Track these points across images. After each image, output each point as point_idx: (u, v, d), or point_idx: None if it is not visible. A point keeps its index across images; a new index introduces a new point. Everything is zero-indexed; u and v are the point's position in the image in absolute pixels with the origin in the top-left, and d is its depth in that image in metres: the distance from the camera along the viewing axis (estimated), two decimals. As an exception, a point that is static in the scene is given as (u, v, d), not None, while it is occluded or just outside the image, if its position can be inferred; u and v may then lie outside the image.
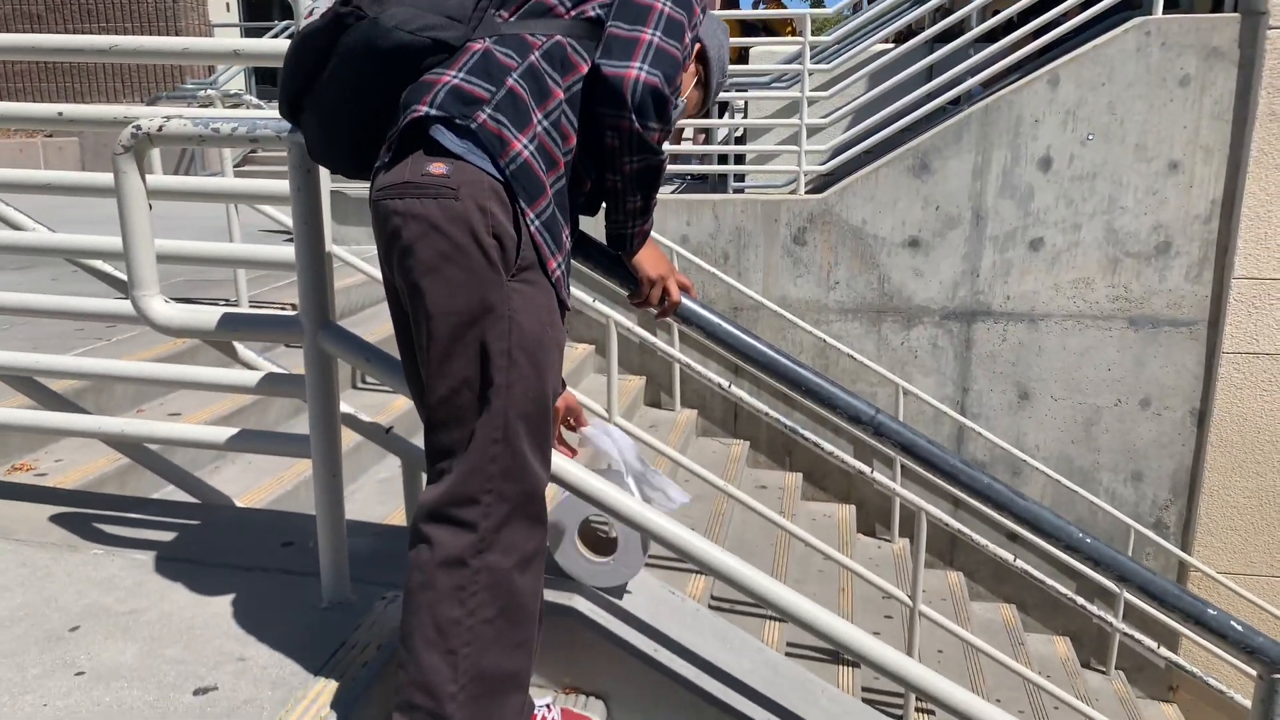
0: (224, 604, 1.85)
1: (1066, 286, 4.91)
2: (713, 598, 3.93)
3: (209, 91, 5.51)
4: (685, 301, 1.81)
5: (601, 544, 2.07)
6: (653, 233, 5.70)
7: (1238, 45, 4.54)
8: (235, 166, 9.23)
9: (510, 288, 1.38)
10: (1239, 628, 1.51)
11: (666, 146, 7.24)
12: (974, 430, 5.06)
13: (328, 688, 1.60)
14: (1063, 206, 4.82)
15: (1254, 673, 1.57)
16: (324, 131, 1.51)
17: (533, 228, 1.40)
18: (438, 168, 1.36)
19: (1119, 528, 5.02)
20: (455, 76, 1.40)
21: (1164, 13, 4.64)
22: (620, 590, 2.05)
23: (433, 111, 1.38)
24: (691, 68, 1.63)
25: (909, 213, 5.01)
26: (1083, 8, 4.75)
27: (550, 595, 1.96)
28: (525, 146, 1.40)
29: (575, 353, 5.22)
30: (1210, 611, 1.54)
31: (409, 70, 1.43)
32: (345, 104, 1.47)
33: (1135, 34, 4.60)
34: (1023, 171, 4.83)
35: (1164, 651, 3.97)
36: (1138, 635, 4.14)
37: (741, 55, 6.68)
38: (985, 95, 4.94)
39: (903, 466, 5.09)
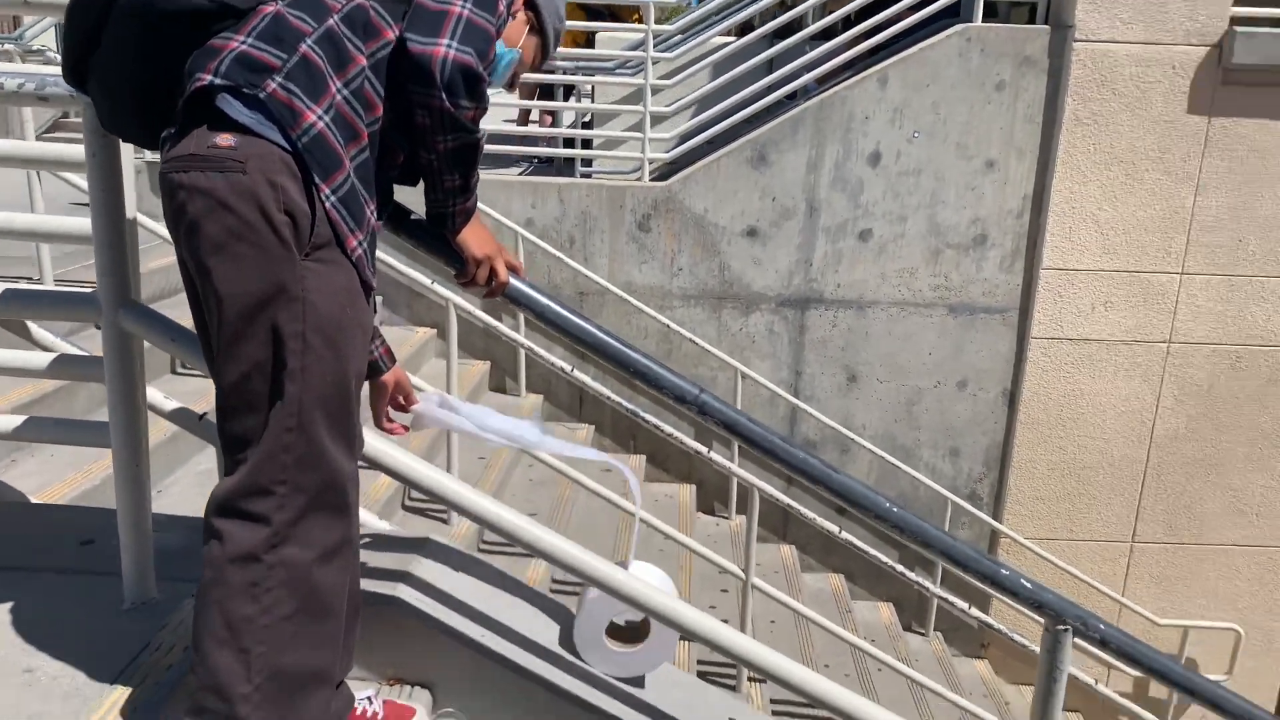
0: (9, 611, 1.72)
1: (893, 276, 5.16)
2: (554, 581, 3.95)
3: (8, 46, 5.05)
4: (514, 282, 1.80)
5: (620, 632, 2.02)
6: (497, 214, 5.57)
7: (1047, 55, 4.87)
8: (46, 131, 8.51)
9: (304, 267, 1.32)
10: (1029, 585, 1.63)
11: (504, 128, 7.08)
12: (806, 411, 5.26)
13: (124, 695, 1.51)
14: (890, 200, 5.06)
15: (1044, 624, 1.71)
16: (108, 98, 1.41)
17: (328, 204, 1.34)
18: (224, 140, 1.29)
19: (938, 500, 5.34)
20: (243, 42, 1.33)
21: (983, 21, 4.92)
22: (643, 680, 1.99)
23: (217, 80, 1.30)
24: (521, 16, 1.60)
25: (748, 203, 5.14)
26: (911, 11, 4.99)
27: (371, 585, 1.92)
28: (320, 117, 1.33)
29: (416, 336, 5.11)
30: (1004, 572, 1.66)
31: (194, 34, 1.34)
32: (126, 70, 1.37)
33: (957, 39, 4.86)
34: (854, 166, 5.03)
35: (975, 612, 4.25)
36: (952, 598, 4.42)
37: (588, 39, 6.67)
38: (820, 91, 5.12)
39: (740, 447, 5.23)
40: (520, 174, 5.88)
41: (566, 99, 6.87)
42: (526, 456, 4.66)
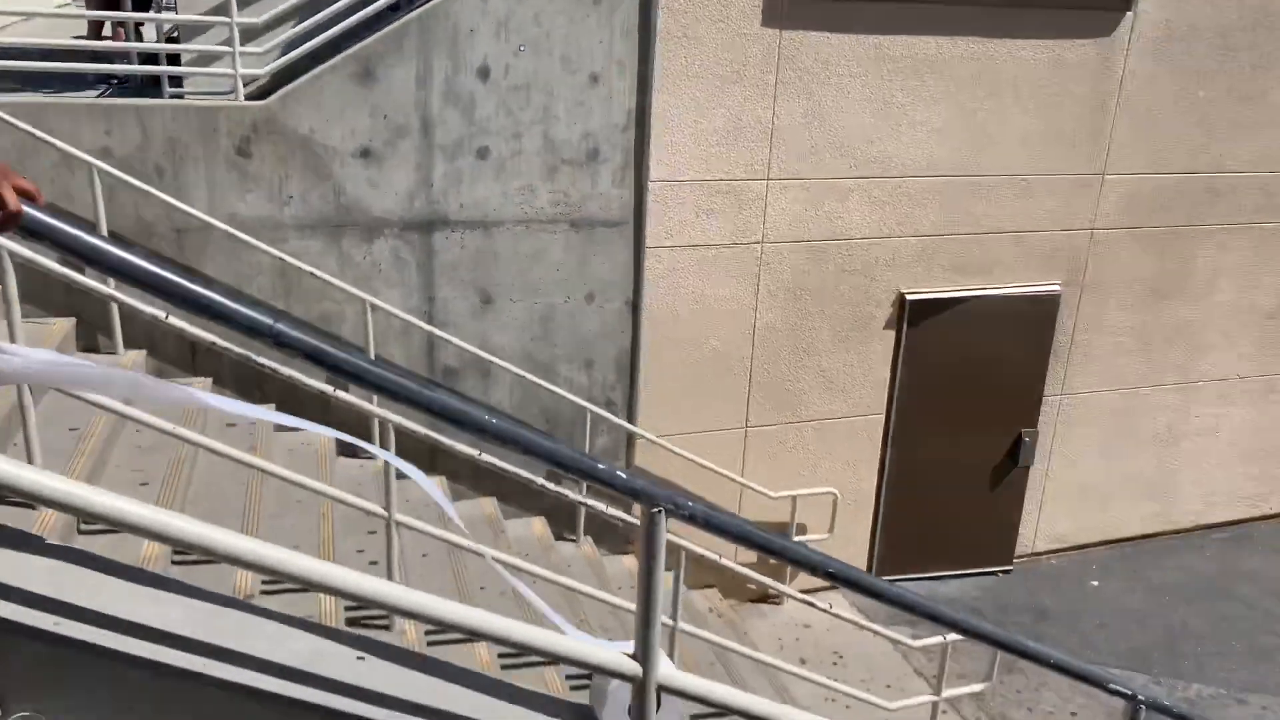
0: None
1: (514, 193, 5.17)
2: (176, 553, 3.60)
3: None
4: (30, 211, 1.52)
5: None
6: (63, 144, 4.79)
7: (638, -33, 5.04)
8: None
9: None
10: (623, 476, 1.70)
11: (72, 43, 6.12)
12: (443, 338, 5.18)
13: None
14: (503, 116, 5.02)
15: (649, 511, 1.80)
16: None
17: None
18: None
19: (579, 410, 5.54)
20: None
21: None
22: None
23: None
24: None
25: (358, 121, 4.86)
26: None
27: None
28: None
29: (-28, 297, 4.31)
30: (601, 467, 1.72)
31: None
32: None
33: (558, -51, 4.86)
34: (464, 80, 4.92)
35: (613, 511, 4.48)
36: (595, 504, 4.63)
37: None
38: (424, 1, 4.91)
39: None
40: (98, 97, 5.12)
41: (145, 8, 6.09)
42: (132, 423, 4.14)
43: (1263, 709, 5.70)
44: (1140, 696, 2.18)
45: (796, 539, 6.21)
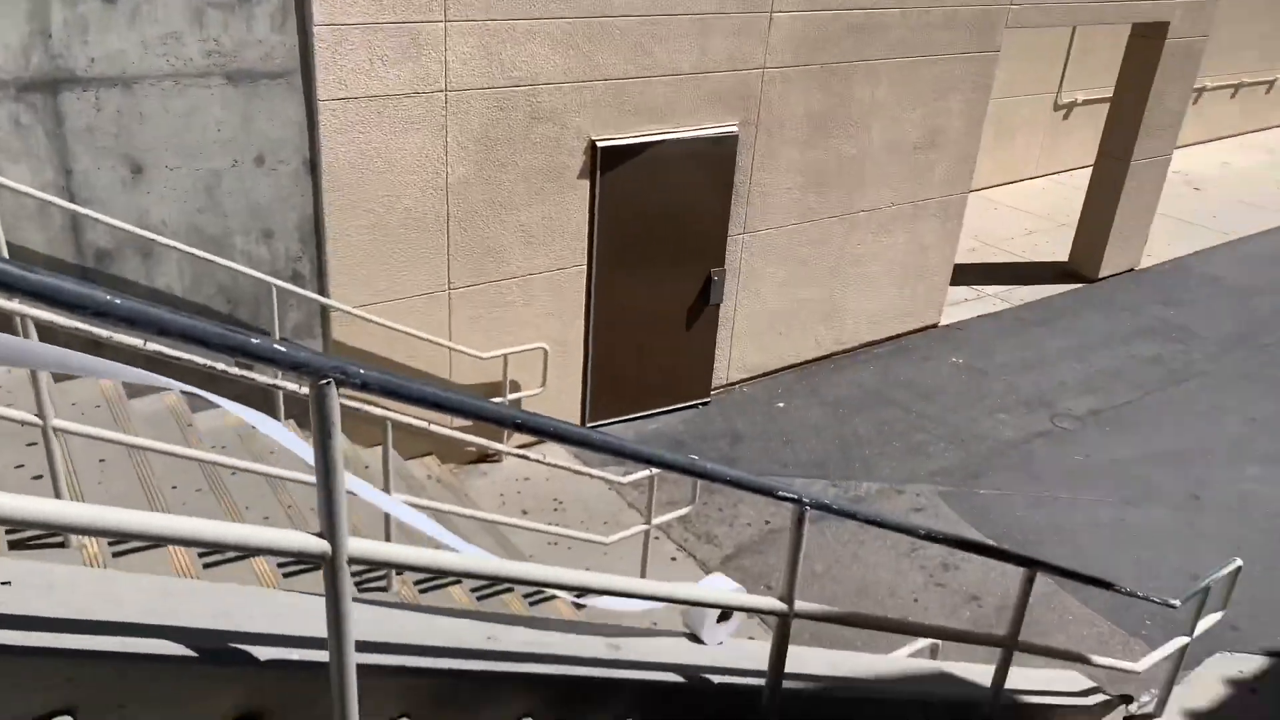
0: None
1: (155, 43, 4.52)
2: None
3: None
4: None
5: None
6: None
7: None
8: None
9: None
10: (284, 350, 1.56)
11: None
12: (90, 217, 4.54)
13: None
14: (127, -50, 4.33)
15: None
16: None
17: None
18: None
19: (262, 287, 5.14)
20: None
21: None
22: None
23: None
24: None
25: (-66, -44, 3.99)
26: None
27: None
28: None
29: None
30: (254, 342, 1.56)
31: None
32: None
33: None
34: (70, -94, 4.16)
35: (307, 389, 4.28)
36: (289, 385, 4.38)
37: None
38: None
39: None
40: None
41: None
42: None
43: (916, 495, 6.66)
44: (805, 499, 2.43)
45: (511, 396, 6.29)
